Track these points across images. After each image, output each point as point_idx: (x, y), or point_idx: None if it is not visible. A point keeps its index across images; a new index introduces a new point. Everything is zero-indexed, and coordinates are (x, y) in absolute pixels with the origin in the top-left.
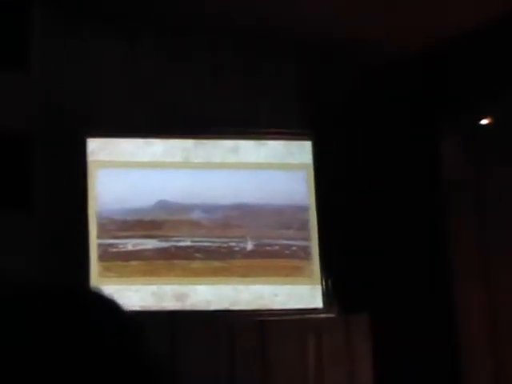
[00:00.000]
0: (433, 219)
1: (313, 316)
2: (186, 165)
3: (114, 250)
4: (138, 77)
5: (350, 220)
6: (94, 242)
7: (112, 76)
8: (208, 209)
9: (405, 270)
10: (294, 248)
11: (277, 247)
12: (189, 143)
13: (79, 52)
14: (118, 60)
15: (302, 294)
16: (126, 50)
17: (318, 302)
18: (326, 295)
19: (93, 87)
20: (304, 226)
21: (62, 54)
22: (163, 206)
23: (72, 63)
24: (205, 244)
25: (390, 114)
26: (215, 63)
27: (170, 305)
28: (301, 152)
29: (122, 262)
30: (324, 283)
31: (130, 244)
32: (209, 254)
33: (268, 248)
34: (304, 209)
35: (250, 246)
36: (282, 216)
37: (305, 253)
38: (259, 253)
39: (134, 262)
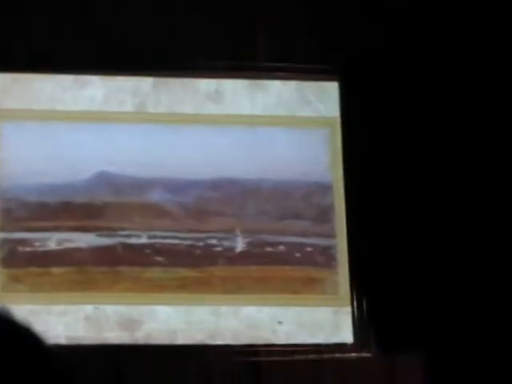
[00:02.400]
0: None
1: (338, 356)
2: (140, 117)
3: (27, 249)
4: None
5: (398, 207)
6: None
7: None
8: (174, 187)
9: (480, 288)
10: (308, 249)
11: (282, 247)
12: (145, 84)
13: None
14: None
15: (321, 321)
16: None
17: (345, 335)
18: (359, 324)
19: None
20: (325, 214)
21: None
22: (104, 181)
23: None
24: (169, 241)
25: (458, 45)
26: None
27: (114, 335)
28: (322, 99)
29: (38, 268)
30: (356, 305)
31: (53, 240)
32: (175, 257)
33: (268, 249)
34: (325, 188)
35: (239, 245)
36: (291, 199)
37: (326, 257)
38: (254, 256)
39: (57, 269)
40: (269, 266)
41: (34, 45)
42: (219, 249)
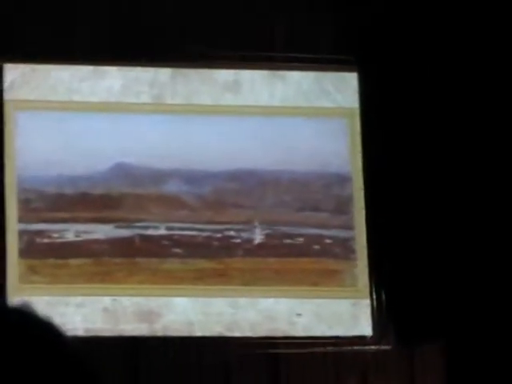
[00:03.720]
0: None
1: (356, 348)
2: (157, 108)
3: (45, 240)
4: None
5: (417, 199)
6: (12, 227)
7: None
8: (192, 178)
9: (500, 279)
10: (327, 241)
11: (300, 239)
12: (163, 74)
13: None
14: None
15: (340, 313)
16: None
17: (364, 327)
18: (378, 316)
19: None
20: (344, 206)
21: None
22: (122, 172)
23: None
24: (187, 233)
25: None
26: None
27: (132, 327)
28: (341, 90)
29: (56, 259)
30: (375, 297)
31: (71, 231)
32: (193, 248)
33: (286, 240)
34: (344, 179)
35: (258, 236)
36: (309, 190)
37: (345, 249)
38: (272, 248)
39: (75, 261)
40: (287, 258)
41: (52, 35)
42: (237, 240)
